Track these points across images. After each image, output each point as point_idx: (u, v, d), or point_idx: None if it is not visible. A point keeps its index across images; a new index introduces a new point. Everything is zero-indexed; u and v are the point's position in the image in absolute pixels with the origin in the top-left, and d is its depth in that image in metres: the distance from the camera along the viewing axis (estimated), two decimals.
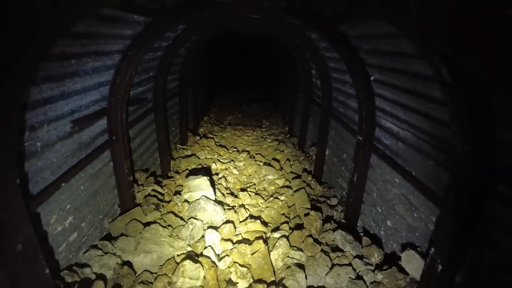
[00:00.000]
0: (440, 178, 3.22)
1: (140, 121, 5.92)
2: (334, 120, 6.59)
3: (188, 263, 3.67)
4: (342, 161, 6.11)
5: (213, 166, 7.32)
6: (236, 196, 5.99)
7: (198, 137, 9.32)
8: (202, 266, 3.75)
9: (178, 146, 8.58)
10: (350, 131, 5.56)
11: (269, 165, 7.50)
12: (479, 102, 2.31)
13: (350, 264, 3.79)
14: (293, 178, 6.77)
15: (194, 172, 6.12)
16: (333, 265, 3.81)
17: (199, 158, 7.70)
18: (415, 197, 3.69)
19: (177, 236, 4.48)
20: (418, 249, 3.57)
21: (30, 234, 2.72)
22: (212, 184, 5.60)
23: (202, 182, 5.34)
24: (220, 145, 9.06)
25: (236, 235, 4.66)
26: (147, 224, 4.61)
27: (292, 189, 6.18)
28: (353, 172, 5.02)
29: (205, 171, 6.55)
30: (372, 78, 4.38)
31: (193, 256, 3.92)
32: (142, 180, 5.74)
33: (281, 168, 7.52)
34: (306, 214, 4.93)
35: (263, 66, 19.63)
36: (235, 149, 8.87)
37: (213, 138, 9.64)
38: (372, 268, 3.78)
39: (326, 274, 3.70)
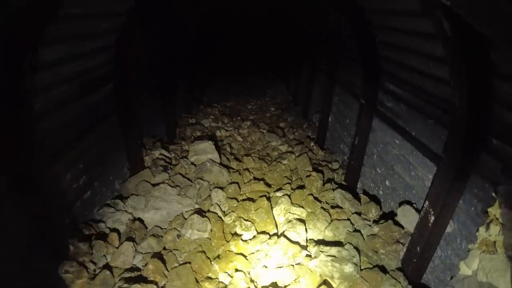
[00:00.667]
0: (437, 135, 3.32)
1: (147, 87, 5.99)
2: (338, 86, 6.60)
3: (196, 217, 3.93)
4: (344, 127, 6.20)
5: (218, 133, 7.47)
6: (240, 161, 6.19)
7: (202, 106, 9.40)
8: (209, 220, 4.01)
9: (183, 114, 8.70)
10: (354, 95, 5.60)
11: (273, 132, 7.63)
12: (478, 56, 2.34)
13: (348, 219, 4.02)
14: (296, 144, 6.92)
15: (200, 138, 6.28)
16: (332, 220, 4.04)
17: (203, 125, 7.84)
18: (414, 156, 3.81)
19: (185, 195, 4.72)
20: (414, 205, 3.76)
21: (52, 187, 2.95)
22: (217, 148, 5.77)
23: (207, 146, 5.52)
24: (224, 114, 9.16)
25: (241, 194, 4.90)
26: (156, 184, 4.86)
27: (294, 154, 6.35)
28: (355, 135, 5.13)
29: (210, 138, 6.72)
30: (377, 40, 4.35)
31: (201, 212, 4.18)
32: (149, 145, 5.93)
33: (284, 135, 7.65)
34: (308, 176, 5.12)
35: (269, 35, 19.09)
36: (238, 118, 8.97)
37: (217, 107, 9.72)
38: (370, 223, 4.00)
39: (325, 228, 3.94)
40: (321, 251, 3.44)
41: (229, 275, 3.46)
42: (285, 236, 3.63)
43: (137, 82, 5.33)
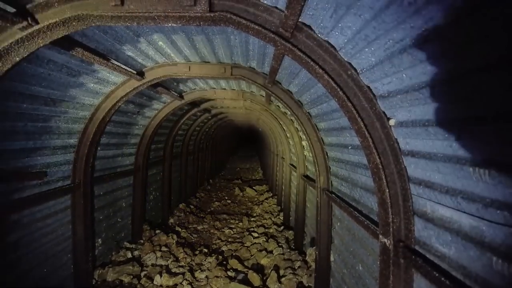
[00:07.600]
0: None
1: (38, 202, 3.77)
2: (337, 207, 4.28)
3: None
4: (357, 277, 3.54)
5: (157, 279, 4.73)
6: None
7: (158, 231, 6.88)
8: None
9: (125, 244, 6.13)
10: (364, 225, 3.21)
11: (245, 280, 4.84)
12: None
13: None
14: None
15: None
16: None
17: (141, 264, 5.17)
18: None
19: None
20: None
21: None
22: None
23: None
24: (184, 244, 6.52)
25: None
26: None
27: None
28: None
29: None
30: (392, 121, 2.33)
31: None
32: None
33: (263, 285, 4.84)
34: None
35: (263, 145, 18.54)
36: (204, 250, 6.30)
37: (178, 232, 7.18)
38: None
39: None
40: None
41: None
42: None
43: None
